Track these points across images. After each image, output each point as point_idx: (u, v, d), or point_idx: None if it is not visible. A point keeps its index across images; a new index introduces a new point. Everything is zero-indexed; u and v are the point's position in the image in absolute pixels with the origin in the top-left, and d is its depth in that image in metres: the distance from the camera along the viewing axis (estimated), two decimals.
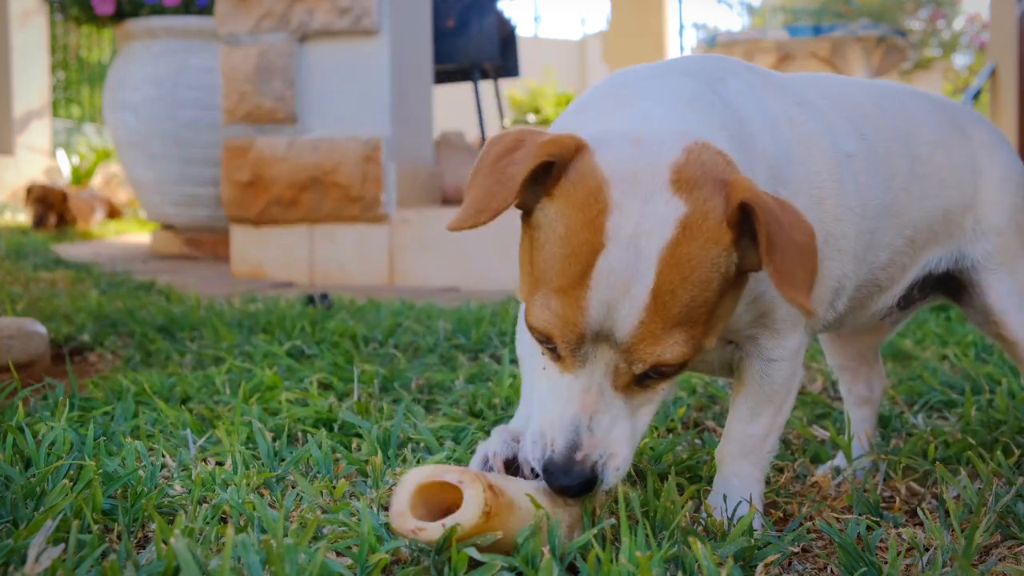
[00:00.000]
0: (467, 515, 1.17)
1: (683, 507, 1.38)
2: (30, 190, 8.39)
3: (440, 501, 1.21)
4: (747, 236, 1.22)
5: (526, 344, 1.52)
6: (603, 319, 1.20)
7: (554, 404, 1.26)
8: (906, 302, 1.78)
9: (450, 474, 1.21)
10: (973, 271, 1.76)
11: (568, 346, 1.22)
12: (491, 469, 1.39)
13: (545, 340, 1.24)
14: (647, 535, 1.24)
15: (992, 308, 1.75)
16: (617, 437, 1.25)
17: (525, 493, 1.26)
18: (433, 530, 1.18)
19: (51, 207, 8.32)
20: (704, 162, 1.22)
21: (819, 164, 1.46)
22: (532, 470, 1.36)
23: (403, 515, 1.20)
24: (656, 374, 1.25)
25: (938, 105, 1.79)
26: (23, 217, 9.64)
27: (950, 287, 1.82)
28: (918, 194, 1.65)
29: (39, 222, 8.24)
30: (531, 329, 1.25)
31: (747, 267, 1.26)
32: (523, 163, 1.20)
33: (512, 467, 1.38)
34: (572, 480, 1.23)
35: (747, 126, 1.38)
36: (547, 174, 1.23)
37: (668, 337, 1.21)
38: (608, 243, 1.18)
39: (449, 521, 1.17)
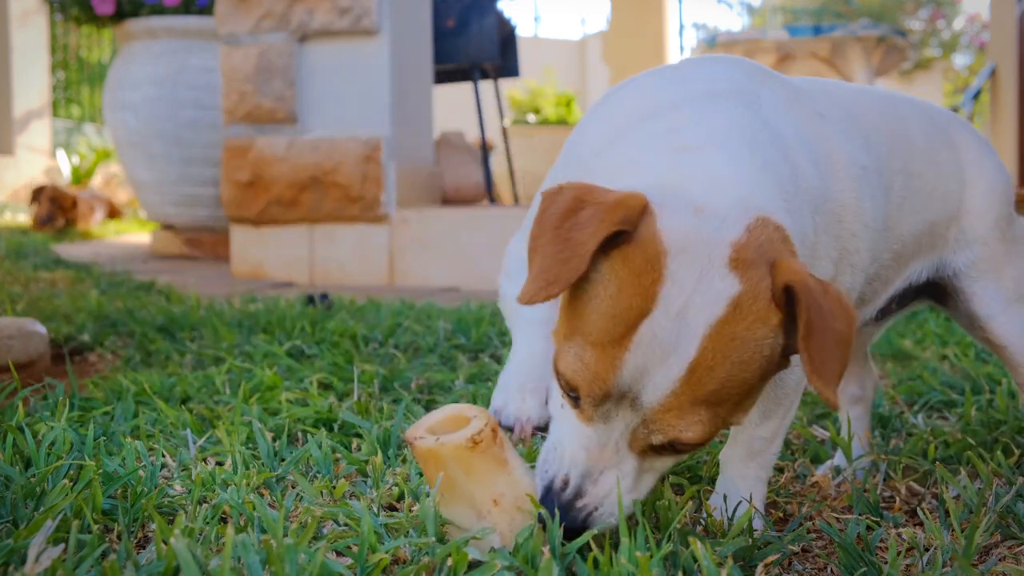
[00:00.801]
0: (456, 436, 1.26)
1: (683, 507, 1.38)
2: (41, 189, 8.38)
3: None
4: (791, 318, 1.21)
5: (514, 286, 1.52)
6: (633, 382, 1.18)
7: (573, 441, 1.26)
8: (883, 313, 1.78)
9: (472, 410, 1.31)
10: (956, 279, 1.76)
11: (592, 400, 1.22)
12: (508, 428, 1.44)
13: (570, 389, 1.23)
14: (647, 535, 1.24)
15: (978, 314, 1.75)
16: (616, 494, 1.26)
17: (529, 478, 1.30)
18: (427, 440, 1.27)
19: (61, 208, 8.32)
20: (762, 242, 1.20)
21: (841, 180, 1.45)
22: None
23: (417, 427, 1.31)
24: (671, 448, 1.24)
25: (926, 113, 1.78)
26: (23, 217, 9.64)
27: (934, 292, 1.82)
28: (909, 208, 1.65)
29: (47, 220, 8.23)
30: (558, 375, 1.24)
31: (791, 350, 1.24)
32: (592, 230, 1.17)
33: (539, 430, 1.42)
34: (569, 522, 1.25)
35: (791, 157, 1.35)
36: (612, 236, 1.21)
37: (693, 413, 1.19)
38: (656, 311, 1.17)
39: (444, 437, 1.27)
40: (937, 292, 1.81)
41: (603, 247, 1.19)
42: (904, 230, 1.65)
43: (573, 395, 1.24)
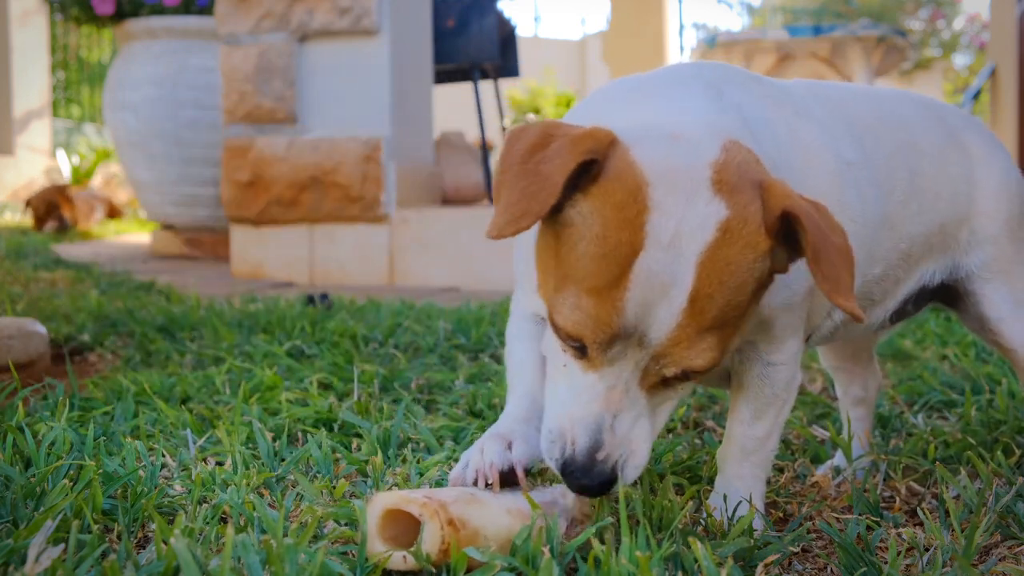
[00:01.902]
0: (426, 548, 1.18)
1: (683, 507, 1.38)
2: (29, 201, 8.39)
3: (412, 524, 1.22)
4: (780, 239, 1.21)
5: (515, 349, 1.51)
6: (638, 321, 1.17)
7: (575, 402, 1.23)
8: (898, 316, 1.78)
9: (412, 505, 1.21)
10: (968, 280, 1.75)
11: (599, 346, 1.19)
12: (475, 481, 1.36)
13: (573, 340, 1.21)
14: (647, 535, 1.24)
15: (988, 317, 1.74)
16: (638, 435, 1.24)
17: (507, 509, 1.26)
18: (395, 560, 1.20)
19: (57, 207, 8.32)
20: (740, 163, 1.20)
21: (819, 173, 1.45)
22: (526, 471, 1.36)
23: (371, 539, 1.22)
24: (683, 376, 1.23)
25: (936, 113, 1.77)
26: (23, 217, 9.64)
27: (945, 295, 1.81)
28: (915, 208, 1.64)
29: (54, 219, 8.23)
30: (557, 328, 1.21)
31: (777, 269, 1.25)
32: (561, 161, 1.15)
33: (506, 478, 1.35)
34: (593, 480, 1.22)
35: (753, 135, 1.36)
36: (581, 171, 1.19)
37: (701, 341, 1.19)
38: (648, 244, 1.15)
39: (409, 556, 1.19)
40: (947, 295, 1.81)
41: (579, 186, 1.18)
42: (911, 230, 1.64)
43: (576, 345, 1.21)
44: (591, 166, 1.17)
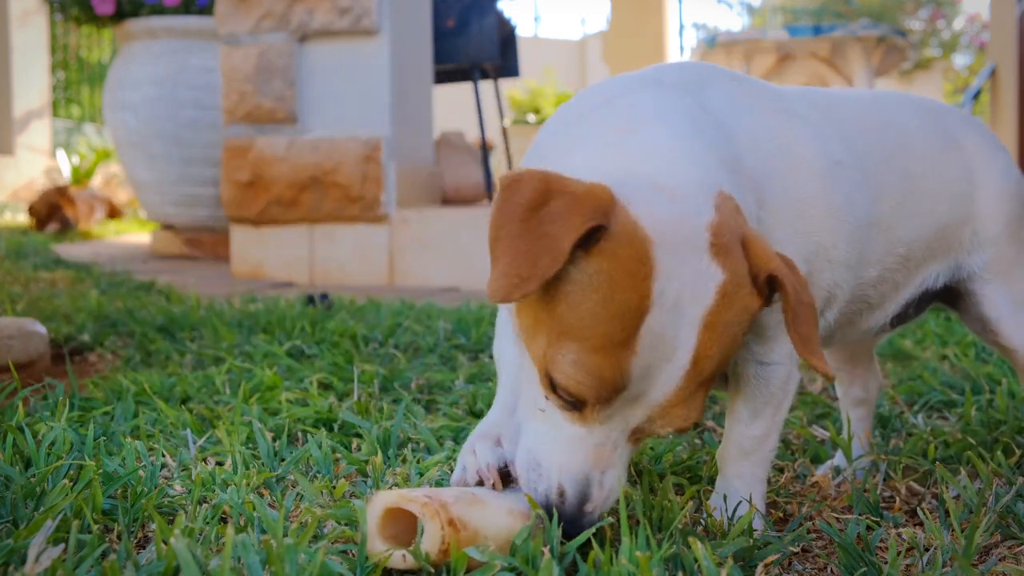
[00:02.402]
0: (425, 548, 1.18)
1: (683, 507, 1.38)
2: (31, 206, 8.40)
3: (412, 523, 1.22)
4: (765, 298, 1.24)
5: (505, 347, 1.51)
6: (640, 382, 1.18)
7: (563, 451, 1.23)
8: (899, 320, 1.78)
9: (413, 504, 1.20)
10: (969, 281, 1.75)
11: (598, 406, 1.20)
12: (477, 482, 1.37)
13: (573, 398, 1.20)
14: (647, 535, 1.24)
15: (989, 317, 1.74)
16: (618, 480, 1.26)
17: (507, 509, 1.26)
18: (395, 560, 1.20)
19: (59, 208, 8.33)
20: (730, 221, 1.21)
21: (804, 175, 1.44)
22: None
23: (371, 537, 1.22)
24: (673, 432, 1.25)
25: (931, 115, 1.76)
26: (23, 217, 9.64)
27: (946, 295, 1.81)
28: (911, 211, 1.64)
29: (56, 220, 8.23)
30: (557, 386, 1.20)
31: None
32: (567, 226, 1.13)
33: (503, 474, 1.36)
34: (578, 530, 1.24)
35: (733, 145, 1.36)
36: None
37: (694, 399, 1.21)
38: (653, 306, 1.15)
39: (408, 555, 1.19)
40: (951, 296, 1.81)
41: (580, 245, 1.16)
42: (908, 233, 1.64)
43: (571, 401, 1.21)
44: (596, 229, 1.16)
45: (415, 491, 1.24)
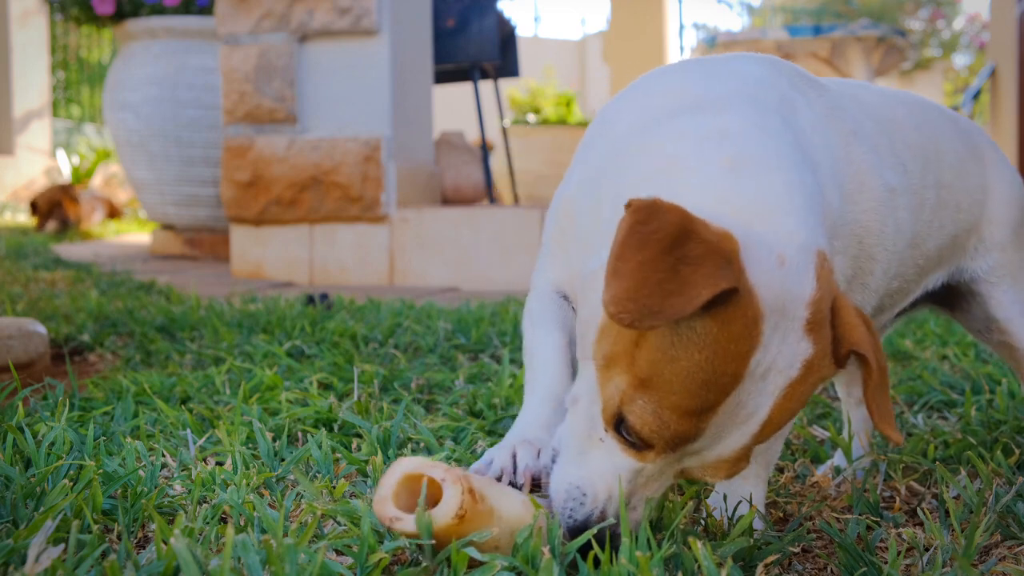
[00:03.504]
0: (440, 514, 1.18)
1: (683, 507, 1.38)
2: (34, 204, 8.39)
3: (430, 494, 1.21)
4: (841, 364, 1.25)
5: (540, 322, 1.48)
6: (709, 440, 1.19)
7: (611, 476, 1.24)
8: (898, 315, 1.79)
9: (436, 470, 1.20)
10: (973, 282, 1.76)
11: (661, 453, 1.21)
12: (499, 477, 1.36)
13: (640, 440, 1.20)
14: (648, 536, 1.24)
15: (995, 317, 1.76)
16: (648, 508, 1.27)
17: (522, 500, 1.26)
18: (407, 522, 1.18)
19: (61, 206, 8.33)
20: (826, 293, 1.20)
21: (866, 203, 1.44)
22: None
23: (384, 501, 1.21)
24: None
25: (960, 127, 1.77)
26: (23, 217, 9.64)
27: (942, 297, 1.82)
28: (937, 224, 1.64)
29: (56, 218, 8.23)
30: (628, 427, 1.19)
31: None
32: (706, 277, 1.10)
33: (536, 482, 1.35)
34: (602, 545, 1.23)
35: (818, 175, 1.33)
36: None
37: (748, 454, 1.23)
38: (746, 376, 1.16)
39: (423, 517, 1.18)
40: (948, 298, 1.82)
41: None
42: (931, 245, 1.65)
43: (633, 441, 1.21)
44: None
45: (436, 461, 1.23)
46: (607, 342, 1.21)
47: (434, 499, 1.21)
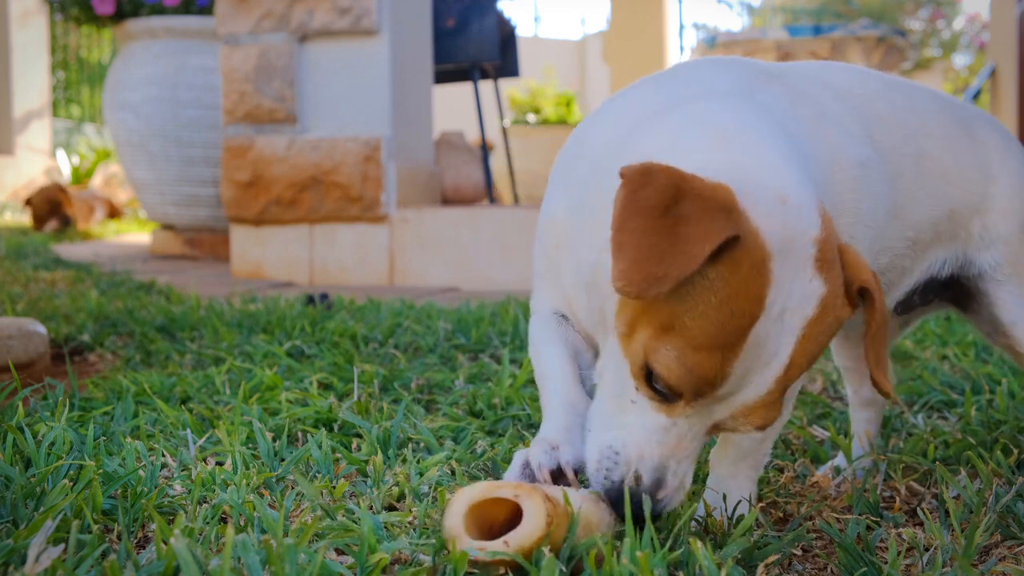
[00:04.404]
0: (530, 528, 1.16)
1: (687, 508, 1.38)
2: (29, 200, 8.39)
3: (488, 516, 1.21)
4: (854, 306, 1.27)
5: (544, 340, 1.50)
6: (735, 384, 1.21)
7: (645, 439, 1.25)
8: (904, 307, 1.77)
9: (504, 490, 1.20)
10: (980, 280, 1.73)
11: (691, 400, 1.23)
12: (532, 479, 1.37)
13: (670, 390, 1.22)
14: (651, 536, 1.24)
15: (1001, 320, 1.73)
16: (687, 475, 1.29)
17: (581, 499, 1.26)
18: (495, 545, 1.16)
19: (59, 205, 8.33)
20: (831, 235, 1.24)
21: (842, 180, 1.45)
22: (576, 477, 1.36)
23: (460, 538, 1.18)
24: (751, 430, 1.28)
25: (946, 103, 1.76)
26: (24, 217, 9.64)
27: (955, 295, 1.80)
28: (921, 194, 1.63)
29: (55, 218, 8.23)
30: (656, 377, 1.22)
31: None
32: (703, 232, 1.14)
33: (556, 478, 1.36)
34: (640, 513, 1.25)
35: (802, 151, 1.36)
36: None
37: (777, 401, 1.24)
38: (762, 315, 1.18)
39: (512, 538, 1.16)
40: (960, 296, 1.80)
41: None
42: (918, 216, 1.64)
43: (663, 392, 1.23)
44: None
45: (493, 483, 1.23)
46: (627, 311, 1.24)
47: (493, 519, 1.20)
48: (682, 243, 1.14)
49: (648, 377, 1.23)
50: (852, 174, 1.47)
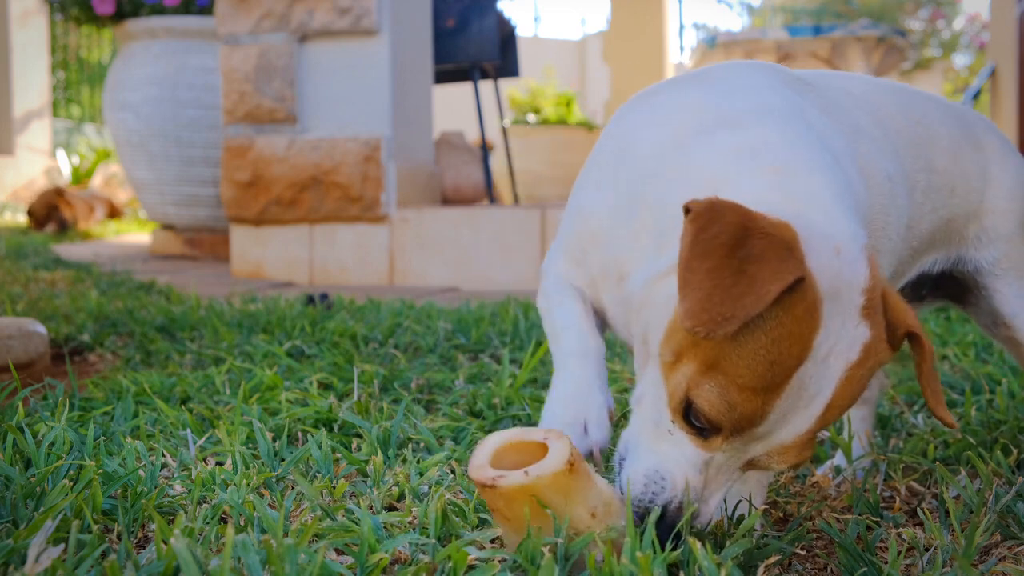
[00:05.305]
0: (553, 462, 1.18)
1: (689, 510, 1.38)
2: (31, 211, 8.40)
3: (515, 465, 1.22)
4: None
5: (561, 292, 1.52)
6: (774, 424, 1.22)
7: (681, 461, 1.27)
8: None
9: (535, 433, 1.23)
10: (979, 275, 1.76)
11: (728, 437, 1.23)
12: None
13: (710, 424, 1.23)
14: (652, 537, 1.24)
15: (1001, 312, 1.76)
16: (718, 505, 1.30)
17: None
18: (514, 477, 1.18)
19: (56, 209, 8.34)
20: (878, 280, 1.26)
21: (874, 196, 1.47)
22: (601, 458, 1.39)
23: (482, 467, 1.21)
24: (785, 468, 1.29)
25: (950, 111, 1.78)
26: (23, 217, 9.64)
27: (952, 290, 1.82)
28: (929, 206, 1.66)
29: (54, 221, 8.24)
30: (697, 412, 1.23)
31: None
32: (773, 272, 1.14)
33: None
34: (666, 536, 1.26)
35: (847, 172, 1.38)
36: None
37: (812, 441, 1.25)
38: (808, 360, 1.19)
39: (533, 469, 1.18)
40: (955, 289, 1.82)
41: None
42: (924, 227, 1.66)
43: (701, 427, 1.24)
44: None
45: (524, 428, 1.26)
46: (675, 340, 1.24)
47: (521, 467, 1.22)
48: (751, 282, 1.15)
49: (686, 412, 1.24)
50: (882, 189, 1.48)
